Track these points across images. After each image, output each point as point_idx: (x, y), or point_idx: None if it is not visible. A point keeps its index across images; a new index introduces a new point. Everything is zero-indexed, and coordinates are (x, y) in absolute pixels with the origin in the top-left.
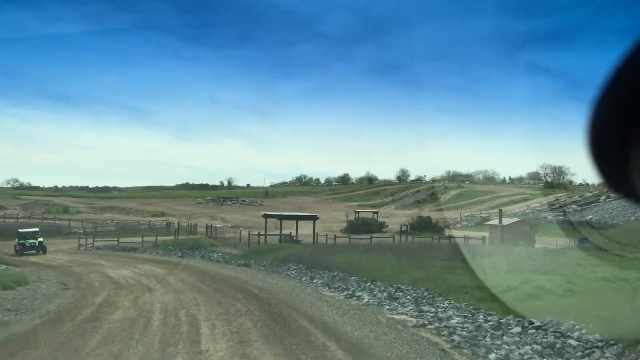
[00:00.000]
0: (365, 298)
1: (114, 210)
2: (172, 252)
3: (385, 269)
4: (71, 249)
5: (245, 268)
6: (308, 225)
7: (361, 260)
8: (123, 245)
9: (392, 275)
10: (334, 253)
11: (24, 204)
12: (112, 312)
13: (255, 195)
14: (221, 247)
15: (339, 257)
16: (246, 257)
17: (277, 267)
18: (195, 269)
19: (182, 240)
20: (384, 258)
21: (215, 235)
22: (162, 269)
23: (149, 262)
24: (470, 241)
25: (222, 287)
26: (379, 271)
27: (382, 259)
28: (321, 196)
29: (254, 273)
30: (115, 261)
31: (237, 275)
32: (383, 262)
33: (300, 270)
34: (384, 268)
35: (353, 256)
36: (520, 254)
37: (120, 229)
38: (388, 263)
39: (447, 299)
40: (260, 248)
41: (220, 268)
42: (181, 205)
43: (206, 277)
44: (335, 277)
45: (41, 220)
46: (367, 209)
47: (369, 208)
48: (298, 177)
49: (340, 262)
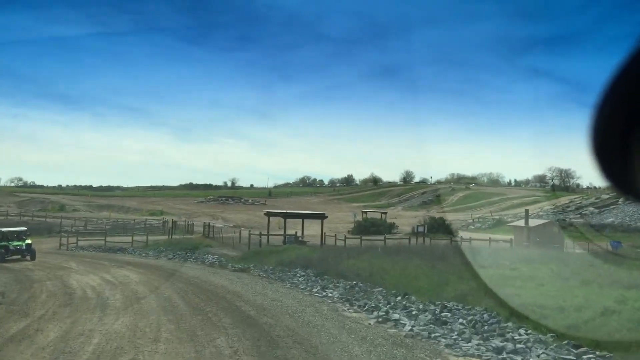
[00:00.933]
0: (406, 323)
1: (112, 209)
2: (163, 254)
3: (419, 278)
4: (51, 248)
5: (242, 274)
6: (313, 226)
7: (384, 267)
8: (111, 245)
9: (429, 286)
10: (349, 257)
11: (19, 202)
12: (13, 357)
13: (258, 195)
14: (218, 248)
15: (355, 262)
16: (245, 260)
17: (281, 273)
18: (182, 275)
19: (176, 241)
20: (411, 263)
21: (213, 235)
22: (139, 275)
23: (129, 266)
24: (495, 244)
25: (206, 304)
26: (411, 281)
27: (408, 264)
28: (326, 197)
29: (253, 281)
30: (90, 264)
31: (231, 285)
32: (412, 269)
33: (309, 277)
34: (416, 277)
35: (373, 261)
36: (575, 261)
37: (114, 228)
38: (419, 270)
39: (520, 327)
40: (262, 250)
41: (211, 274)
42: (182, 204)
43: (191, 287)
44: (355, 287)
45: (32, 217)
46: (374, 210)
47: (375, 209)
48: (301, 179)
49: (359, 268)
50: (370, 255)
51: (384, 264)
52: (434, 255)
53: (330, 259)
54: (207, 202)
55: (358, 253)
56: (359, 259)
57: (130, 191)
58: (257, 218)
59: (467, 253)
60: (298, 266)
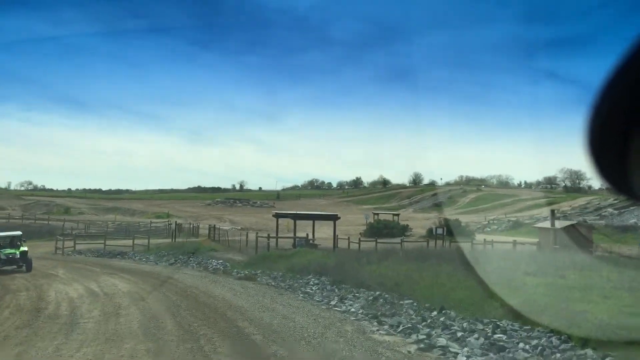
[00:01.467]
0: (458, 352)
1: (118, 212)
2: (164, 258)
3: (455, 288)
4: (46, 252)
5: (248, 283)
6: (323, 228)
7: (411, 274)
8: (111, 249)
9: (470, 299)
10: (368, 262)
11: (25, 205)
12: None
13: (266, 197)
14: (224, 252)
15: (376, 268)
16: (252, 266)
17: (292, 280)
18: (178, 284)
19: (179, 244)
20: (442, 270)
21: (219, 238)
22: (129, 284)
23: (121, 273)
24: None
25: (201, 325)
26: (447, 292)
27: (439, 271)
28: (335, 199)
29: (260, 292)
30: (79, 271)
31: (234, 298)
32: (445, 277)
33: (324, 286)
34: (452, 287)
35: (396, 267)
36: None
37: (117, 231)
38: (454, 279)
39: (606, 356)
40: (270, 254)
41: (212, 283)
42: (189, 207)
43: (186, 301)
44: (378, 299)
45: (34, 220)
46: (385, 212)
47: (386, 211)
48: (310, 181)
49: (381, 275)
50: (392, 260)
51: (410, 270)
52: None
53: (347, 264)
54: (215, 204)
55: (378, 258)
56: (380, 265)
57: (139, 194)
58: (265, 220)
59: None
60: (311, 272)
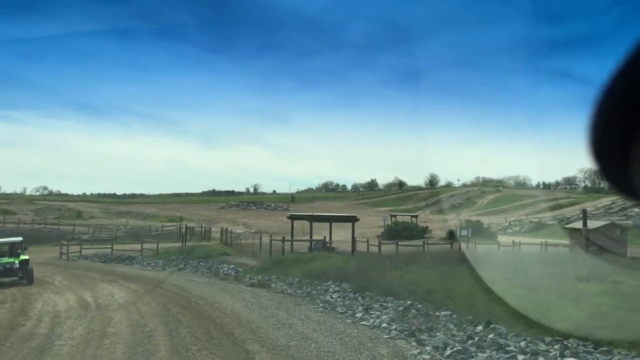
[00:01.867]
0: None
1: (131, 215)
2: (173, 263)
3: (500, 297)
4: (50, 258)
5: (260, 291)
6: (340, 231)
7: (445, 280)
8: (118, 254)
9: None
10: (393, 267)
11: (37, 209)
12: None
13: (281, 200)
14: (236, 256)
15: (402, 273)
16: (265, 271)
17: (310, 287)
18: (183, 293)
19: (189, 248)
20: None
21: (231, 241)
22: (128, 293)
23: (122, 280)
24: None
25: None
26: (490, 302)
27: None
28: (350, 202)
29: (274, 302)
30: (78, 278)
31: (244, 310)
32: (487, 280)
33: (346, 293)
34: (497, 297)
35: (425, 272)
36: None
37: (127, 235)
38: (497, 287)
39: None
40: (285, 258)
41: (222, 291)
42: (203, 210)
43: (188, 314)
44: (410, 310)
45: (44, 225)
46: (403, 214)
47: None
48: (324, 184)
49: (411, 282)
50: (420, 264)
51: (443, 276)
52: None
53: (371, 269)
54: (229, 207)
55: (404, 262)
56: (407, 270)
57: (152, 198)
58: (280, 224)
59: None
60: (330, 278)
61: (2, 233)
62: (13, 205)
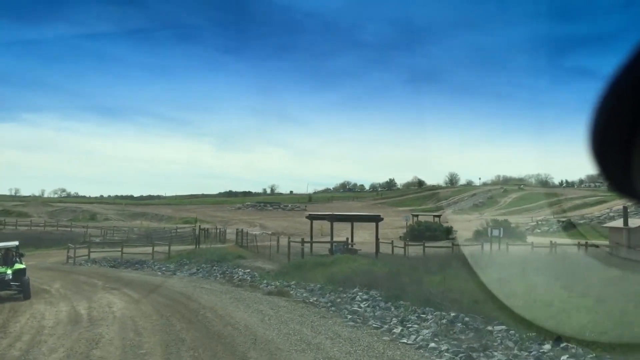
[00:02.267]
0: None
1: (146, 217)
2: (185, 267)
3: (568, 309)
4: (56, 262)
5: (279, 300)
6: (359, 232)
7: (492, 287)
8: (128, 258)
9: (599, 325)
10: (427, 271)
11: (51, 211)
12: None
13: (298, 201)
14: (252, 259)
15: (439, 278)
16: (284, 276)
17: (334, 294)
18: (191, 303)
19: (203, 251)
20: (533, 282)
21: (247, 243)
22: (129, 303)
23: (126, 288)
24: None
25: None
26: (554, 314)
27: (530, 283)
28: (369, 201)
29: (295, 313)
30: (78, 285)
31: (261, 326)
32: (542, 291)
33: (376, 302)
34: (564, 308)
35: (465, 277)
36: None
37: (140, 237)
38: (561, 296)
39: None
40: (305, 261)
41: (235, 301)
42: (219, 212)
43: (194, 330)
44: (455, 323)
45: (56, 227)
46: (425, 213)
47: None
48: (342, 184)
49: (451, 289)
50: (456, 268)
51: (489, 282)
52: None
53: (403, 274)
54: (245, 208)
55: (438, 266)
56: (443, 275)
57: (168, 200)
58: (298, 224)
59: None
60: (356, 284)
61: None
62: (28, 207)
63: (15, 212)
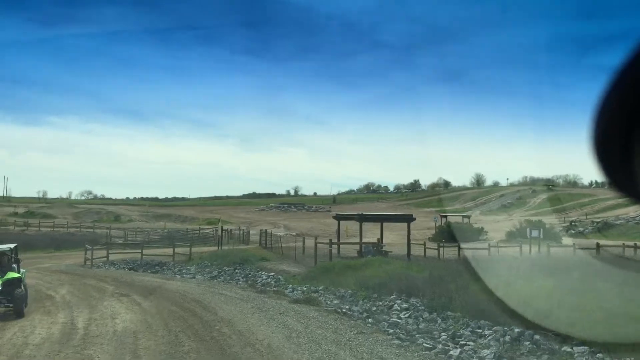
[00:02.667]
0: None
1: (169, 218)
2: (207, 269)
3: None
4: (73, 264)
5: (308, 310)
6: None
7: (563, 297)
8: (148, 259)
9: None
10: (474, 278)
11: (76, 213)
12: None
13: (322, 202)
14: (276, 261)
15: (488, 285)
16: (311, 280)
17: (368, 302)
18: (206, 313)
19: (225, 253)
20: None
21: (271, 245)
22: (136, 314)
23: (137, 294)
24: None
25: None
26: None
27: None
28: (394, 202)
29: (328, 328)
30: (87, 290)
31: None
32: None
33: (418, 312)
34: None
35: (524, 283)
36: None
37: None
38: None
39: None
40: (333, 264)
41: (257, 311)
42: (242, 213)
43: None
44: (521, 340)
45: (79, 228)
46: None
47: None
48: (366, 185)
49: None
50: (507, 272)
51: (555, 290)
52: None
53: (447, 280)
54: (269, 209)
55: (484, 270)
56: (496, 280)
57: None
58: (322, 226)
59: None
60: (393, 291)
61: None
62: (54, 209)
63: (40, 214)
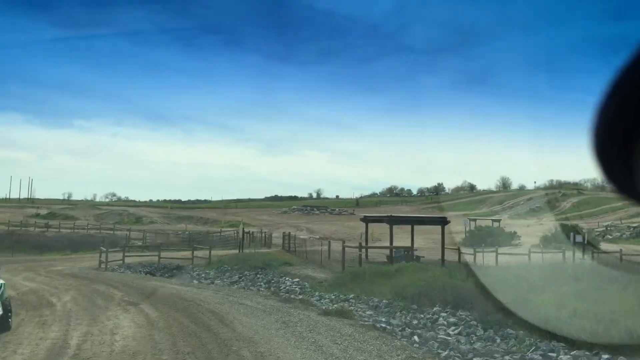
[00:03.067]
0: None
1: (191, 221)
2: (227, 274)
3: None
4: (87, 267)
5: (340, 324)
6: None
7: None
8: (166, 262)
9: None
10: (530, 288)
11: (98, 214)
12: None
13: (345, 205)
14: (300, 266)
15: (554, 298)
16: (340, 288)
17: (409, 315)
18: (222, 329)
19: (247, 256)
20: None
21: (295, 248)
22: (141, 328)
23: (145, 303)
24: None
25: None
26: None
27: None
28: (418, 206)
29: (369, 350)
30: (93, 297)
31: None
32: None
33: (470, 329)
34: None
35: (593, 296)
36: None
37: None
38: None
39: None
40: (363, 270)
41: (281, 326)
42: (264, 215)
43: None
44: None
45: (99, 230)
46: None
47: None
48: (388, 188)
49: (579, 313)
50: (566, 283)
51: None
52: None
53: (497, 290)
54: (291, 212)
55: (539, 279)
56: (558, 291)
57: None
58: (346, 229)
59: None
60: (435, 302)
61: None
62: (76, 210)
63: (62, 215)
